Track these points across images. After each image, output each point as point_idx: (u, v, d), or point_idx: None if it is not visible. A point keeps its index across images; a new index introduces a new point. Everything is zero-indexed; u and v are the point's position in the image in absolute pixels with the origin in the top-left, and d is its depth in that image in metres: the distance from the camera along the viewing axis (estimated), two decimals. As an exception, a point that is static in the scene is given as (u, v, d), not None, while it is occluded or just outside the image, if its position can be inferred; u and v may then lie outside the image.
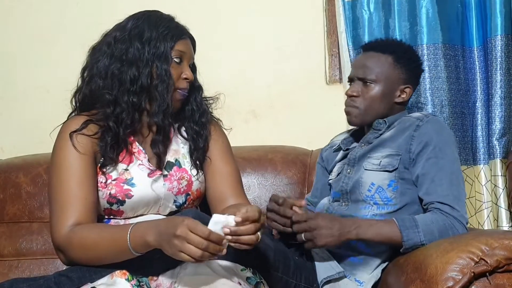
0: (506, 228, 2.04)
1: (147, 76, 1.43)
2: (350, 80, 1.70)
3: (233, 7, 2.33)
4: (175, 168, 1.51)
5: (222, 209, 1.39)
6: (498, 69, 2.06)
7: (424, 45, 2.11)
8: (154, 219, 1.38)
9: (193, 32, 1.54)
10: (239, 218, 1.17)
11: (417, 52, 1.75)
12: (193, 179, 1.52)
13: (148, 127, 1.50)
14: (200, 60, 1.57)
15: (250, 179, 1.77)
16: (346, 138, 1.77)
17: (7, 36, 2.36)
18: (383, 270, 1.52)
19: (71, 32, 2.31)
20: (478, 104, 2.14)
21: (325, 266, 1.53)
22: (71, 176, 1.39)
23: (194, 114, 1.55)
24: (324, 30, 2.31)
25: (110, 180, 1.43)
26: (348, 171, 1.63)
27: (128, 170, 1.45)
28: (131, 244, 1.25)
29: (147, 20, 1.47)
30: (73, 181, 1.38)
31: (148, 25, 1.46)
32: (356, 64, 1.71)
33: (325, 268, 1.53)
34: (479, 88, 2.14)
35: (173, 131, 1.54)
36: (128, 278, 1.28)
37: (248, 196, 1.62)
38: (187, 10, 1.58)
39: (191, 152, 1.54)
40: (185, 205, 1.51)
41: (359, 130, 1.75)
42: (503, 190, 2.05)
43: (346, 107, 1.68)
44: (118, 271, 1.29)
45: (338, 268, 1.52)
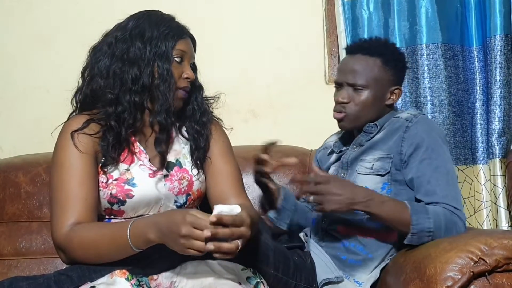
0: (505, 228, 2.04)
1: (148, 76, 1.43)
2: (338, 85, 1.64)
3: (232, 6, 2.33)
4: (176, 168, 1.51)
5: None
6: (498, 68, 2.07)
7: (424, 44, 2.11)
8: (152, 214, 1.38)
9: (192, 32, 1.54)
10: (214, 218, 1.16)
11: (409, 51, 1.71)
12: (193, 179, 1.52)
13: (150, 127, 1.49)
14: (199, 59, 1.57)
15: (249, 178, 1.75)
16: (337, 140, 1.75)
17: (6, 36, 2.35)
18: (382, 269, 1.52)
19: (71, 32, 2.31)
20: (477, 103, 2.14)
21: (324, 268, 1.54)
22: (72, 176, 1.38)
23: (195, 114, 1.55)
24: (323, 29, 2.32)
25: (111, 180, 1.43)
26: (342, 175, 1.63)
27: (129, 170, 1.45)
28: (132, 240, 1.25)
29: (148, 20, 1.47)
30: (74, 180, 1.38)
31: (149, 24, 1.46)
32: (344, 68, 1.64)
33: (324, 270, 1.53)
34: (478, 87, 2.14)
35: (174, 131, 1.54)
36: (128, 277, 1.27)
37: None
38: (187, 10, 1.58)
39: (192, 152, 1.54)
40: (185, 205, 1.51)
41: (350, 132, 1.73)
42: (502, 189, 2.05)
43: (336, 113, 1.63)
44: (118, 270, 1.28)
45: (337, 272, 1.52)
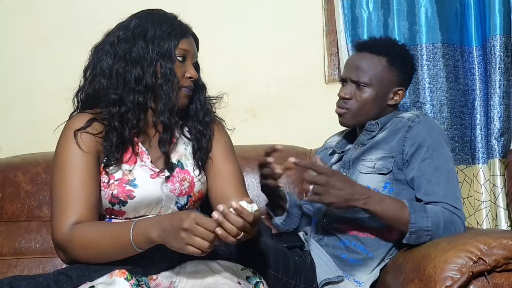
0: (504, 228, 2.04)
1: (151, 75, 1.42)
2: (343, 80, 1.68)
3: (232, 6, 2.33)
4: (177, 169, 1.50)
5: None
6: (497, 68, 2.07)
7: (423, 44, 2.11)
8: (156, 216, 1.38)
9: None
10: (237, 205, 1.14)
11: (410, 51, 1.73)
12: (195, 180, 1.52)
13: (153, 127, 1.49)
14: (199, 59, 1.56)
15: (249, 178, 1.75)
16: (339, 141, 1.76)
17: (5, 35, 2.35)
18: (381, 269, 1.53)
19: (70, 32, 2.30)
20: (477, 103, 2.14)
21: (324, 268, 1.54)
22: (74, 175, 1.38)
23: (198, 113, 1.54)
24: (323, 29, 2.32)
25: (112, 180, 1.43)
26: (344, 174, 1.63)
27: (131, 171, 1.45)
28: (134, 240, 1.25)
29: (150, 19, 1.46)
30: (75, 179, 1.37)
31: (152, 23, 1.45)
32: (349, 64, 1.68)
33: (324, 270, 1.53)
34: (478, 87, 2.14)
35: (177, 131, 1.54)
36: (127, 277, 1.27)
37: (247, 196, 1.62)
38: (187, 10, 1.57)
39: (194, 152, 1.53)
40: (186, 206, 1.51)
41: (352, 131, 1.74)
42: (502, 189, 2.05)
43: (338, 108, 1.66)
44: (117, 270, 1.28)
45: (337, 272, 1.53)
